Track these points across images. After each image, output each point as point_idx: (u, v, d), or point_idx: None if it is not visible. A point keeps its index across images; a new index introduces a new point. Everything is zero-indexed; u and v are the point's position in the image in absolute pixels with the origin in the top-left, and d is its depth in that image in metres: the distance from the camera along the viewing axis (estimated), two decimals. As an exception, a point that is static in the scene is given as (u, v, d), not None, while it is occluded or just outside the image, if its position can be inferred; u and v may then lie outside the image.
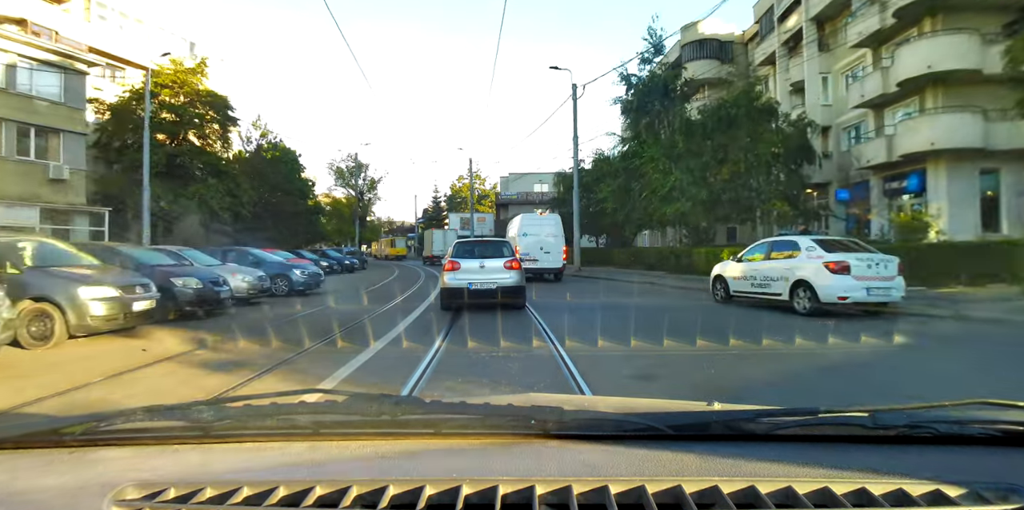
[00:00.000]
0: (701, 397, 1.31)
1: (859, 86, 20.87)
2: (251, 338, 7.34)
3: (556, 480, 0.83)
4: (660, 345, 6.45)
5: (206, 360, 6.14)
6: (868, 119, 21.71)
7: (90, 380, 5.06)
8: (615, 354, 6.20)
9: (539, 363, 5.75)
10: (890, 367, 5.64)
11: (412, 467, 0.90)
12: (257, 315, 10.28)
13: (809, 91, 24.61)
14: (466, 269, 10.12)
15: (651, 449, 0.97)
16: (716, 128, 20.80)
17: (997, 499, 0.80)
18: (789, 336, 6.92)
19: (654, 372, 5.33)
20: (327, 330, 7.80)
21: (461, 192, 73.60)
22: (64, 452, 0.99)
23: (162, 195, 22.70)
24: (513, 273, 10.24)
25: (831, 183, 23.44)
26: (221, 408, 1.09)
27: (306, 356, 6.17)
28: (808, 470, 0.88)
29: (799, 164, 21.30)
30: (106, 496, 0.81)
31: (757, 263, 10.59)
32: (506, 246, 11.07)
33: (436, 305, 10.99)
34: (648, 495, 0.79)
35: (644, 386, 4.83)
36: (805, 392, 4.61)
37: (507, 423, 1.04)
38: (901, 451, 0.99)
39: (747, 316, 9.52)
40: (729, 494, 0.80)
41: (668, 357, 6.01)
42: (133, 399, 4.33)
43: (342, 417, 1.07)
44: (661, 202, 21.03)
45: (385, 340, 7.10)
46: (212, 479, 0.86)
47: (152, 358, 6.17)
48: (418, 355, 5.99)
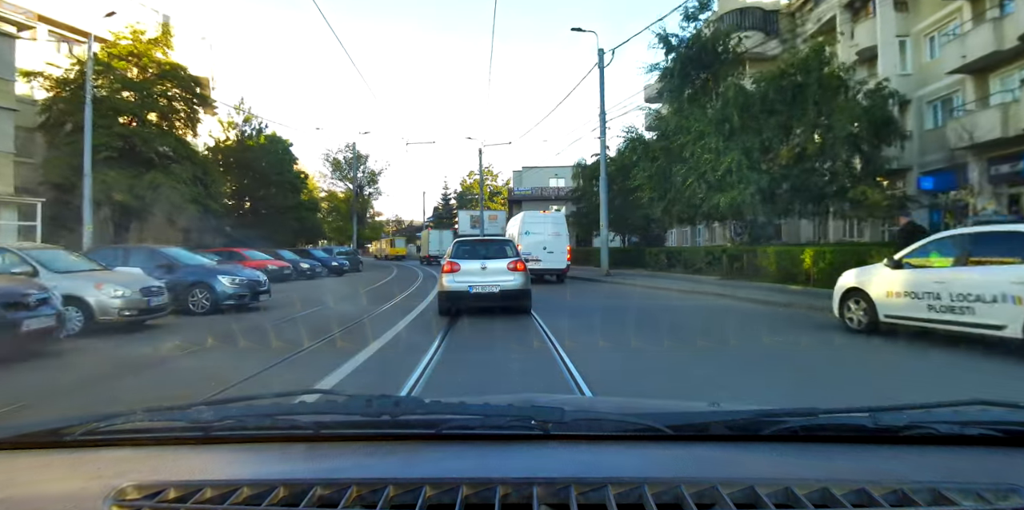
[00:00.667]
0: None
1: (958, 45, 16.79)
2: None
3: (556, 480, 0.83)
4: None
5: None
6: (965, 87, 17.59)
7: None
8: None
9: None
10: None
11: (412, 467, 0.92)
12: (63, 363, 6.03)
13: (883, 59, 20.42)
14: (466, 271, 9.29)
15: (651, 449, 0.99)
16: (778, 99, 16.84)
17: (997, 499, 0.79)
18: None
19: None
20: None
21: (472, 188, 69.96)
22: (64, 452, 1.01)
23: (113, 184, 19.14)
24: (517, 275, 9.38)
25: (911, 169, 19.36)
26: (221, 408, 1.10)
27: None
28: (808, 470, 0.90)
29: (877, 145, 17.28)
30: (106, 496, 0.81)
31: (942, 271, 6.35)
32: (509, 245, 10.28)
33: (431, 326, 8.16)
34: (648, 495, 0.79)
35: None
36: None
37: (507, 423, 1.03)
38: (901, 451, 0.98)
39: (947, 367, 5.61)
40: (729, 494, 0.79)
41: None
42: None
43: (342, 417, 1.08)
44: (711, 190, 17.01)
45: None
46: (212, 479, 0.87)
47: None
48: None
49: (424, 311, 10.31)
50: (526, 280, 9.47)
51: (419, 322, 8.94)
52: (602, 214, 21.30)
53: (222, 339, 7.23)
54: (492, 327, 8.37)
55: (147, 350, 6.65)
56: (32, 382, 5.16)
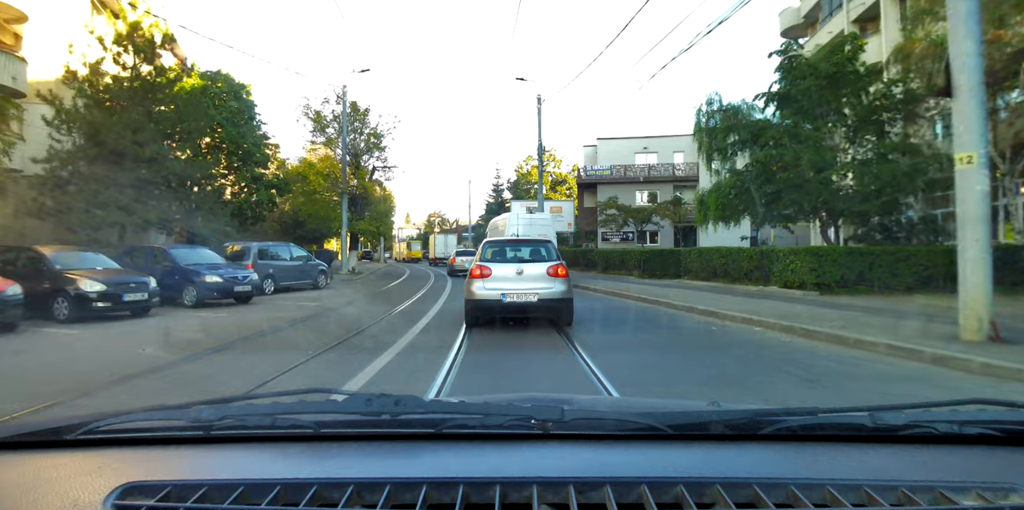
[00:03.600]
0: None
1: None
2: None
3: (556, 480, 0.83)
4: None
5: None
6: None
7: None
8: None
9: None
10: None
11: (412, 467, 0.92)
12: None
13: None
14: (499, 276, 8.14)
15: (651, 449, 0.99)
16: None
17: (997, 499, 0.80)
18: None
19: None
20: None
21: (530, 176, 56.54)
22: (65, 451, 1.02)
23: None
24: (558, 282, 8.14)
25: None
26: (221, 407, 1.09)
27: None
28: (808, 470, 0.92)
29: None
30: (106, 496, 0.81)
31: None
32: (548, 246, 8.91)
33: None
34: (648, 495, 0.79)
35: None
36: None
37: (507, 422, 1.02)
38: (901, 451, 0.99)
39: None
40: (729, 494, 0.80)
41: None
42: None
43: (342, 416, 1.08)
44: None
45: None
46: (212, 479, 0.87)
47: None
48: None
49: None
50: (568, 288, 8.29)
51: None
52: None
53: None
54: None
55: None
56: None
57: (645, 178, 35.74)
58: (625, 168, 36.19)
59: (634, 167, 36.29)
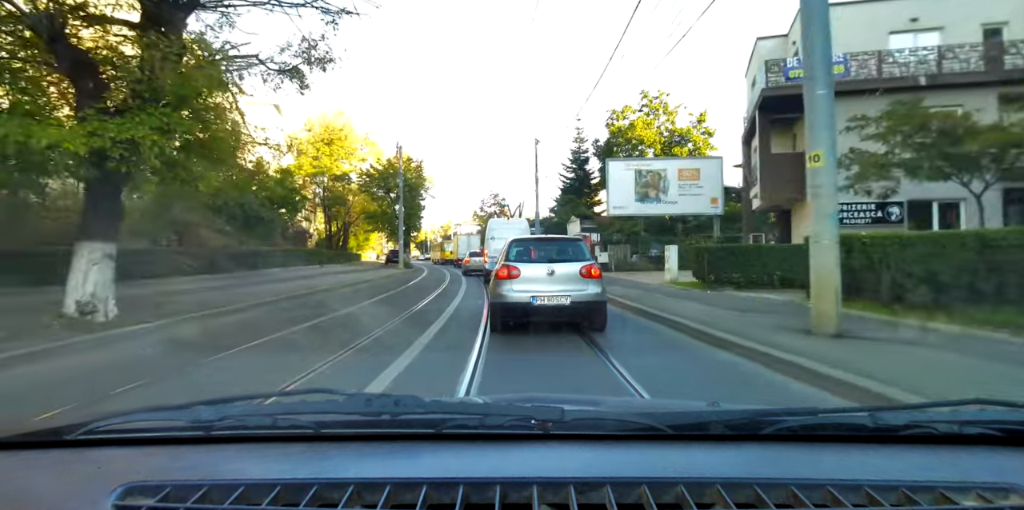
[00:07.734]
0: None
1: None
2: None
3: (556, 480, 0.83)
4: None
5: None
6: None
7: None
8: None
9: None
10: None
11: (412, 467, 0.91)
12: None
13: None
14: (528, 277, 7.58)
15: (651, 449, 0.98)
16: None
17: (997, 499, 0.79)
18: None
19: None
20: None
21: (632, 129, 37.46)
22: (65, 451, 1.01)
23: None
24: (592, 283, 7.59)
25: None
26: (221, 407, 1.08)
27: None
28: (808, 470, 0.91)
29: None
30: (106, 496, 0.80)
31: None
32: (579, 245, 8.26)
33: None
34: (648, 495, 0.79)
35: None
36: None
37: (507, 423, 1.02)
38: (901, 451, 0.98)
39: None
40: (729, 494, 0.79)
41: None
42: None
43: (342, 417, 1.07)
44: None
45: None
46: (212, 479, 0.86)
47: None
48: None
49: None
50: (602, 290, 7.73)
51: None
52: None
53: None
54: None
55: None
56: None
57: (929, 81, 15.55)
58: (879, 56, 16.11)
59: (899, 57, 16.13)
